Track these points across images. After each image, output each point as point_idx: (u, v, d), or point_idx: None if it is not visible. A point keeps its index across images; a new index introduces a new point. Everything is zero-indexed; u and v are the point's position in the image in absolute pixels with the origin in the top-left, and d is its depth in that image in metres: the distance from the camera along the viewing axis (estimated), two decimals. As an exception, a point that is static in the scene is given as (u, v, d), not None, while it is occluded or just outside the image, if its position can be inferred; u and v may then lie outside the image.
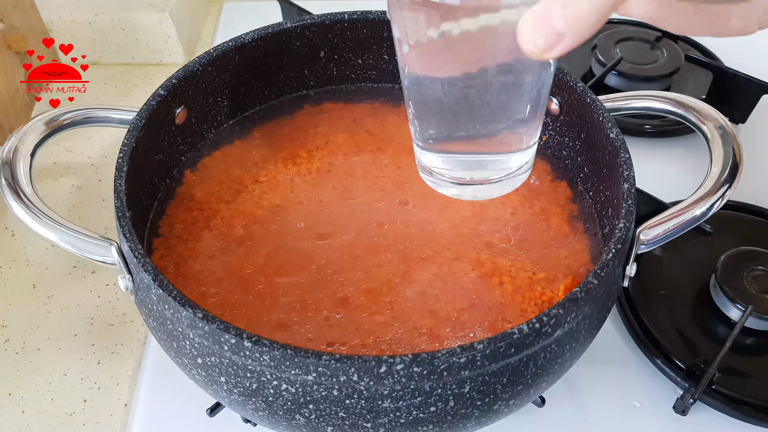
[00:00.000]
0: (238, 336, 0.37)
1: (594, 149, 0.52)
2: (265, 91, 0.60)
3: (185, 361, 0.42)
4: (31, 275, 0.64)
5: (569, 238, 0.51)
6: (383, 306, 0.47)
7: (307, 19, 0.57)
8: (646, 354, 0.58)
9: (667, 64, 0.79)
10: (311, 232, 0.51)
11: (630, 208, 0.44)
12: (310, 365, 0.36)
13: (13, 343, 0.60)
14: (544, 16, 0.28)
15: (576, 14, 0.28)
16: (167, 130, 0.53)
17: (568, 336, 0.41)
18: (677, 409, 0.55)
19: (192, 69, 0.53)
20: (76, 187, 0.72)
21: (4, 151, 0.47)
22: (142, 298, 0.42)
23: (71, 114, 0.50)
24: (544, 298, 0.47)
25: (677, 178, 0.72)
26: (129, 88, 0.84)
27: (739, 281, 0.58)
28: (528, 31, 0.29)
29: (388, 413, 0.38)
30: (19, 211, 0.44)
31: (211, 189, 0.54)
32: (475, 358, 0.37)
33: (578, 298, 0.39)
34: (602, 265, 0.41)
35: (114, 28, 0.84)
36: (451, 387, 0.38)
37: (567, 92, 0.53)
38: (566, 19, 0.28)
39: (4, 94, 0.72)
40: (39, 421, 0.55)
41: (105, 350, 0.59)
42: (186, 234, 0.51)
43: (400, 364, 0.36)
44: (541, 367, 0.41)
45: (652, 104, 0.53)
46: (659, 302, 0.61)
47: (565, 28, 0.28)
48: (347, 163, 0.56)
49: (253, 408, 0.40)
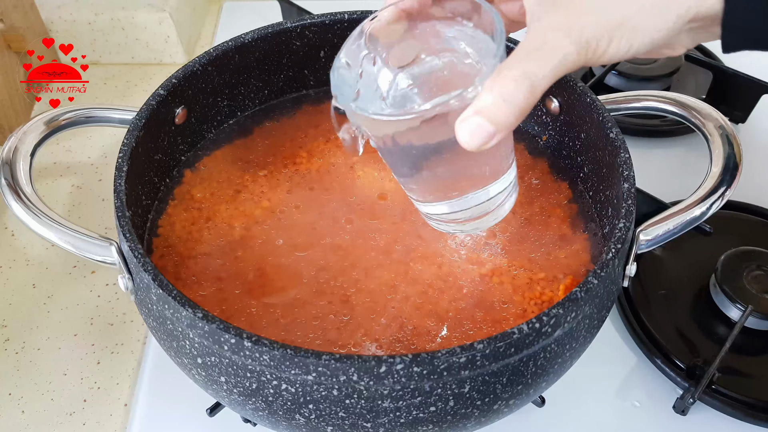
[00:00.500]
0: (238, 336, 0.37)
1: (594, 149, 0.52)
2: (265, 91, 0.60)
3: (185, 361, 0.42)
4: (31, 275, 0.64)
5: (569, 237, 0.51)
6: (383, 305, 0.47)
7: (307, 19, 0.57)
8: (646, 354, 0.58)
9: (667, 63, 0.79)
10: (312, 231, 0.51)
11: (630, 207, 0.44)
12: (310, 365, 0.36)
13: (13, 342, 0.60)
14: (474, 125, 0.34)
15: (500, 118, 0.34)
16: (167, 129, 0.53)
17: (568, 336, 0.41)
18: (677, 408, 0.55)
19: (192, 69, 0.53)
20: (76, 187, 0.72)
21: (4, 151, 0.47)
22: (142, 297, 0.42)
23: (71, 114, 0.50)
24: (544, 298, 0.47)
25: (677, 178, 0.71)
26: (129, 88, 0.84)
27: (739, 281, 0.58)
28: (464, 136, 0.34)
29: (388, 413, 0.38)
30: (19, 211, 0.44)
31: (210, 189, 0.54)
32: (475, 358, 0.37)
33: (578, 297, 0.39)
34: (602, 264, 0.41)
35: (114, 28, 0.83)
36: (451, 387, 0.38)
37: (567, 92, 0.53)
38: (494, 123, 0.34)
39: (3, 94, 0.72)
40: (39, 420, 0.55)
41: (105, 350, 0.59)
42: (186, 234, 0.51)
43: (400, 364, 0.36)
44: (541, 367, 0.41)
45: (652, 104, 0.53)
46: (659, 302, 0.61)
47: (494, 129, 0.34)
48: (347, 163, 0.56)
49: (253, 408, 0.40)
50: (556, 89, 0.54)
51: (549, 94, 0.55)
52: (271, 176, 0.55)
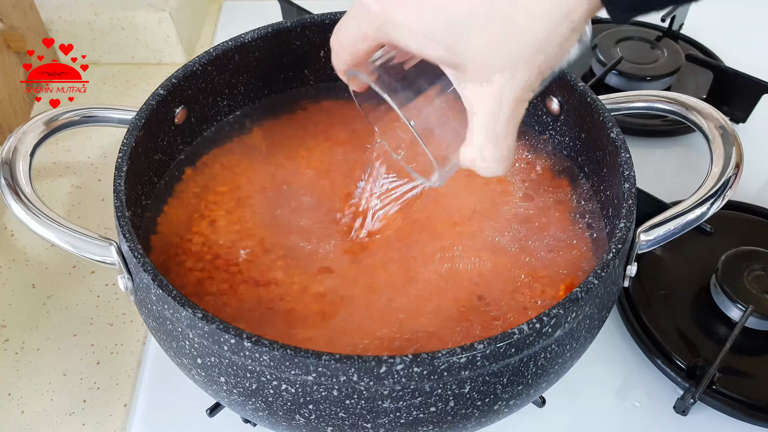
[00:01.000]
0: (237, 336, 0.36)
1: (594, 149, 0.52)
2: (264, 90, 0.60)
3: (185, 361, 0.41)
4: (30, 275, 0.64)
5: (569, 237, 0.51)
6: (383, 304, 0.47)
7: (307, 19, 0.57)
8: (647, 354, 0.58)
9: (668, 63, 0.79)
10: (313, 228, 0.51)
11: (631, 207, 0.44)
12: (310, 365, 0.36)
13: (12, 343, 0.59)
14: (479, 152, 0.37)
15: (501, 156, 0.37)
16: (167, 129, 0.53)
17: (568, 336, 0.40)
18: (678, 409, 0.55)
19: (192, 68, 0.53)
20: (76, 187, 0.72)
21: (4, 151, 0.47)
22: (142, 297, 0.42)
23: (71, 114, 0.50)
24: (545, 297, 0.47)
25: (676, 178, 0.71)
26: (128, 88, 0.84)
27: (740, 281, 0.58)
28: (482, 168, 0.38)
29: (388, 413, 0.38)
30: (18, 211, 0.44)
31: (210, 187, 0.54)
32: (476, 358, 0.37)
33: (579, 297, 0.39)
34: (603, 264, 0.41)
35: (113, 28, 0.83)
36: (451, 387, 0.38)
37: (567, 92, 0.53)
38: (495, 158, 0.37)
39: (3, 94, 0.72)
40: (38, 421, 0.55)
41: (104, 350, 0.59)
42: (185, 232, 0.51)
43: (400, 364, 0.36)
44: (542, 367, 0.40)
45: (653, 104, 0.53)
46: (659, 302, 0.61)
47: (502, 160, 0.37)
48: (347, 161, 0.56)
49: (253, 408, 0.40)
50: (556, 89, 0.54)
51: (549, 94, 0.55)
52: (271, 175, 0.55)
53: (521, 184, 0.54)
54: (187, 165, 0.55)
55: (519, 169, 0.55)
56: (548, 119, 0.57)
